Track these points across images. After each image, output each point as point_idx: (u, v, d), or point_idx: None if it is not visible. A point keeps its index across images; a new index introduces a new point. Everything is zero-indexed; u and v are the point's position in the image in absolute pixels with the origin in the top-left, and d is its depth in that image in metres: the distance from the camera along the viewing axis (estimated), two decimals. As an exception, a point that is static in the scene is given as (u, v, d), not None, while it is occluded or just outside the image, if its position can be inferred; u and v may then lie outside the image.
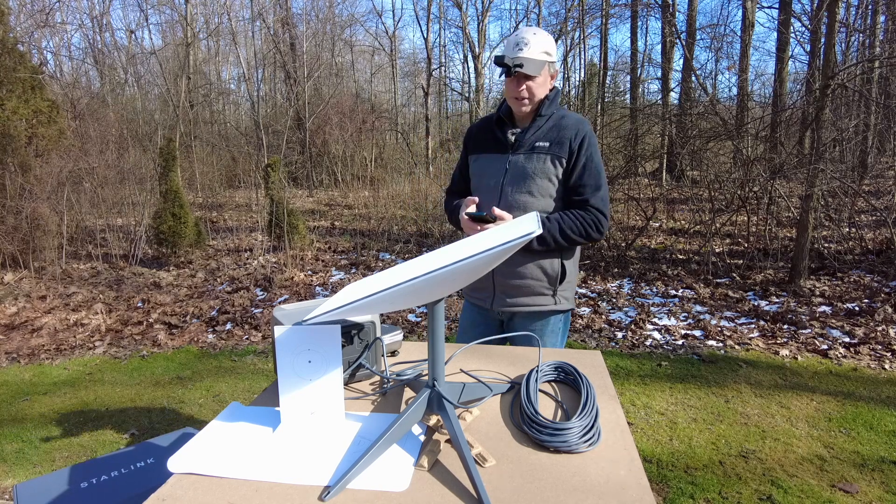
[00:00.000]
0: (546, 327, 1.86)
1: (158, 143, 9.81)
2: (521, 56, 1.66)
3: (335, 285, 5.87)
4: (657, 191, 8.62)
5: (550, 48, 1.72)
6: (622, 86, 17.85)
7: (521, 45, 1.68)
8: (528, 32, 1.70)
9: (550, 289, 1.82)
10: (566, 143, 1.74)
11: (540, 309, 1.83)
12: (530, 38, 1.68)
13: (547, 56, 1.70)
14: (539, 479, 0.92)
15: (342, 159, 13.58)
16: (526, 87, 1.70)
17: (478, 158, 1.86)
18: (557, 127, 1.76)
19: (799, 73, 9.62)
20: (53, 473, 1.69)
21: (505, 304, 1.83)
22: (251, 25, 18.20)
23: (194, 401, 3.44)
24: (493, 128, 1.83)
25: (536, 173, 1.74)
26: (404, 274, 0.93)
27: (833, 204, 6.43)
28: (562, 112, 1.79)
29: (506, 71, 1.68)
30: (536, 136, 1.76)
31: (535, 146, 1.75)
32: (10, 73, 6.88)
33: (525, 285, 1.79)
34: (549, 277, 1.80)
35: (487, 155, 1.83)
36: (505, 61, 1.66)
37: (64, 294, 5.67)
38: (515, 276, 1.78)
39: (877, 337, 3.96)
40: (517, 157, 1.76)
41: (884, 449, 2.65)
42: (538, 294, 1.81)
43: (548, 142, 1.75)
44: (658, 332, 4.35)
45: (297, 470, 0.96)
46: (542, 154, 1.74)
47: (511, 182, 1.76)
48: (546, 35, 1.72)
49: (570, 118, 1.78)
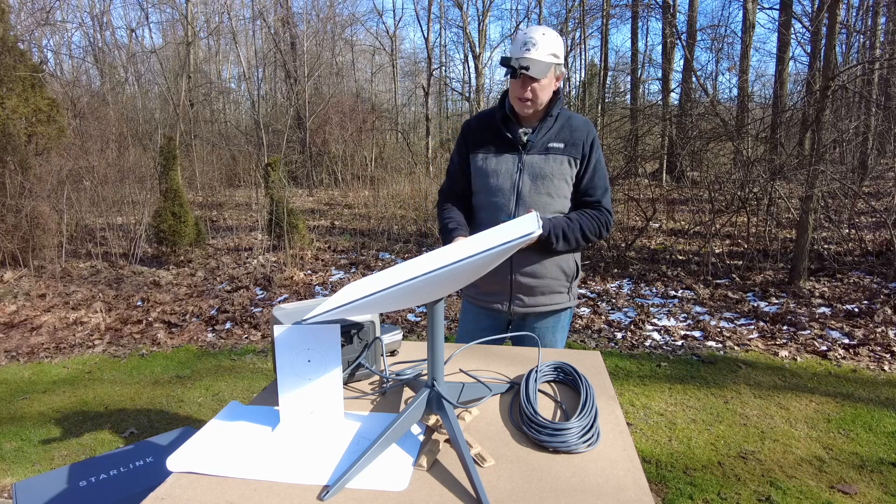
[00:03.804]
0: (558, 323, 1.89)
1: (159, 141, 9.81)
2: (527, 57, 1.61)
3: (335, 285, 5.87)
4: (657, 191, 8.62)
5: (559, 50, 1.67)
6: (623, 86, 17.86)
7: (528, 46, 1.62)
8: (538, 32, 1.64)
9: (567, 286, 1.84)
10: (580, 144, 1.74)
11: (557, 307, 1.85)
12: (539, 39, 1.62)
13: (554, 58, 1.65)
14: (538, 479, 0.92)
15: (342, 159, 13.58)
16: (531, 89, 1.65)
17: (486, 157, 1.78)
18: (568, 128, 1.75)
19: (799, 74, 9.62)
20: (52, 472, 1.69)
21: (523, 305, 1.81)
22: (252, 24, 18.21)
23: (193, 400, 3.44)
24: (498, 126, 1.77)
25: (555, 174, 1.73)
26: (404, 274, 0.93)
27: (833, 205, 6.44)
28: (567, 112, 1.79)
29: (511, 72, 1.62)
30: (549, 137, 1.74)
31: (549, 147, 1.73)
32: (10, 72, 6.87)
33: (545, 285, 1.79)
34: (567, 276, 1.83)
35: (497, 154, 1.76)
36: (512, 63, 1.60)
37: (63, 293, 5.67)
38: (535, 277, 1.78)
39: (876, 338, 3.96)
40: (532, 158, 1.73)
41: (882, 450, 2.65)
42: (556, 292, 1.82)
43: (562, 143, 1.74)
44: (657, 332, 4.35)
45: (297, 469, 0.96)
46: (558, 155, 1.73)
47: (528, 182, 1.73)
48: (555, 36, 1.66)
49: (576, 119, 1.78)
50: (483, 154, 1.79)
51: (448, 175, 1.92)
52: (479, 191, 1.81)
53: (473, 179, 1.82)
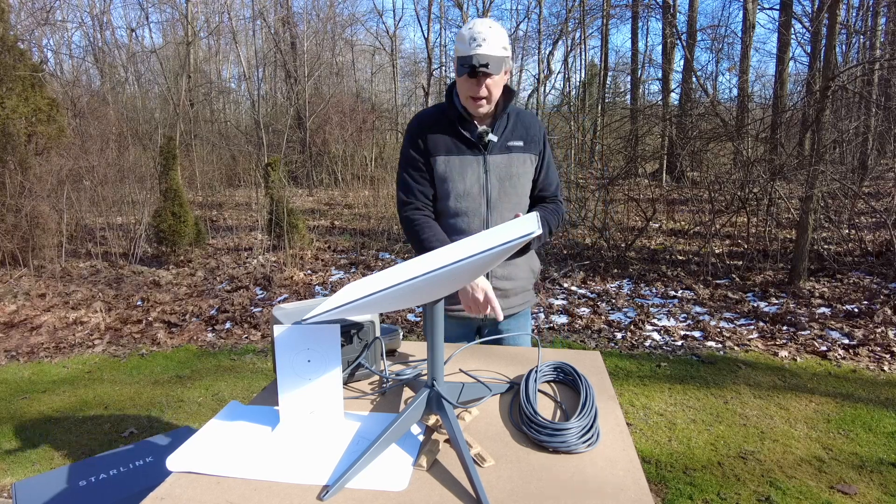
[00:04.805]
0: (527, 322, 1.89)
1: (159, 141, 9.80)
2: (481, 53, 1.51)
3: (335, 285, 5.87)
4: (657, 191, 8.63)
5: (507, 42, 1.58)
6: (623, 86, 17.85)
7: (478, 41, 1.51)
8: (484, 26, 1.54)
9: (533, 282, 1.86)
10: (537, 141, 1.72)
11: (527, 305, 1.85)
12: (487, 33, 1.52)
13: (504, 51, 1.56)
14: (538, 479, 0.92)
15: (342, 158, 13.58)
16: (486, 86, 1.56)
17: (448, 160, 1.65)
18: (522, 125, 1.71)
19: (799, 74, 9.62)
20: (52, 472, 1.69)
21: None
22: (252, 24, 18.20)
23: (193, 399, 3.44)
24: (454, 125, 1.66)
25: (521, 174, 1.69)
26: (404, 274, 0.93)
27: (833, 205, 6.44)
28: (514, 107, 1.73)
29: (468, 71, 1.52)
30: (506, 135, 1.68)
31: (509, 146, 1.68)
32: (10, 71, 6.87)
33: (518, 286, 1.79)
34: (534, 273, 1.85)
35: (458, 156, 1.66)
36: (472, 62, 1.50)
37: (63, 292, 5.67)
38: (510, 279, 1.76)
39: (876, 339, 3.96)
40: (496, 158, 1.67)
41: (882, 450, 2.65)
42: (526, 290, 1.82)
43: (520, 141, 1.69)
44: (657, 332, 4.35)
45: (296, 469, 0.96)
46: (519, 153, 1.69)
47: (497, 184, 1.67)
48: (501, 28, 1.57)
49: (525, 115, 1.75)
50: (444, 157, 1.65)
51: (405, 184, 1.69)
52: (442, 196, 1.68)
53: (438, 184, 1.68)
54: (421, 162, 1.67)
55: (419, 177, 1.68)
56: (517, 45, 15.11)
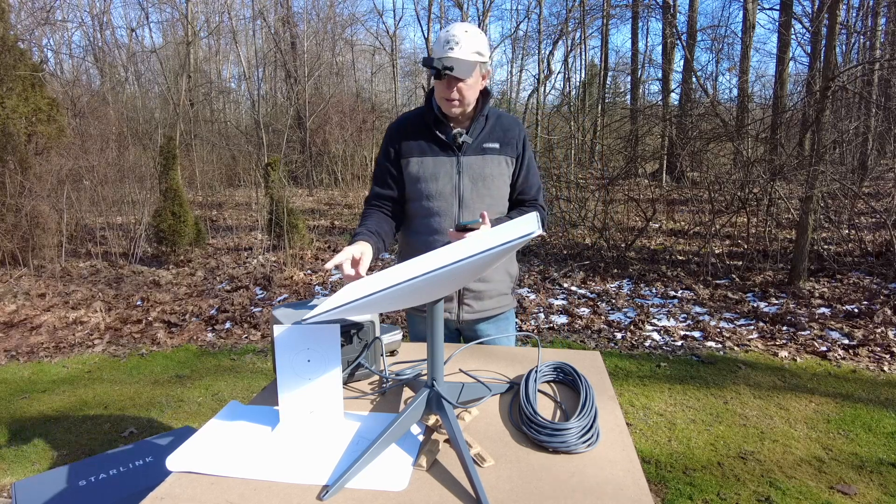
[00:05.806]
0: (508, 326, 1.89)
1: (158, 141, 9.81)
2: (451, 56, 1.53)
3: (335, 285, 5.87)
4: (657, 192, 8.62)
5: (483, 48, 1.59)
6: (623, 86, 17.85)
7: (451, 44, 1.54)
8: (460, 30, 1.56)
9: (510, 287, 1.85)
10: (514, 144, 1.72)
11: (504, 309, 1.84)
12: (462, 38, 1.54)
13: (479, 56, 1.57)
14: (538, 479, 0.92)
15: (342, 158, 13.58)
16: (457, 89, 1.57)
17: (421, 161, 1.68)
18: (500, 128, 1.72)
19: (799, 74, 9.62)
20: (52, 471, 1.69)
21: (472, 311, 1.78)
22: (252, 24, 18.21)
23: (193, 399, 3.44)
24: (430, 127, 1.68)
25: (495, 175, 1.70)
26: (404, 274, 0.93)
27: (833, 206, 6.44)
28: (496, 111, 1.74)
29: (435, 73, 1.54)
30: (483, 137, 1.69)
31: (484, 147, 1.69)
32: (10, 71, 6.87)
33: (493, 289, 1.78)
34: (511, 277, 1.85)
35: (432, 157, 1.68)
36: (434, 64, 1.51)
37: (63, 292, 5.67)
38: (485, 282, 1.76)
39: (876, 339, 3.96)
40: (470, 160, 1.68)
41: (882, 451, 2.65)
42: (503, 294, 1.82)
43: (497, 143, 1.70)
44: (657, 332, 4.35)
45: (296, 469, 0.96)
46: (495, 155, 1.69)
47: (469, 185, 1.68)
48: (478, 33, 1.59)
49: (506, 118, 1.76)
50: (417, 158, 1.68)
51: (375, 183, 1.76)
52: (415, 198, 1.70)
53: (409, 186, 1.71)
54: (392, 165, 1.72)
55: (386, 178, 1.74)
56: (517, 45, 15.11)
